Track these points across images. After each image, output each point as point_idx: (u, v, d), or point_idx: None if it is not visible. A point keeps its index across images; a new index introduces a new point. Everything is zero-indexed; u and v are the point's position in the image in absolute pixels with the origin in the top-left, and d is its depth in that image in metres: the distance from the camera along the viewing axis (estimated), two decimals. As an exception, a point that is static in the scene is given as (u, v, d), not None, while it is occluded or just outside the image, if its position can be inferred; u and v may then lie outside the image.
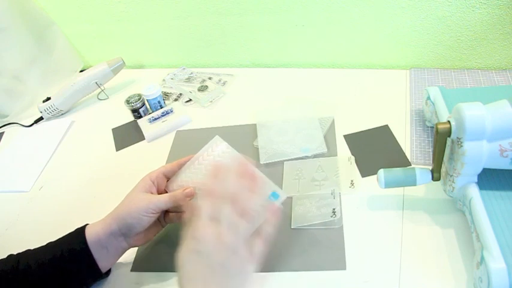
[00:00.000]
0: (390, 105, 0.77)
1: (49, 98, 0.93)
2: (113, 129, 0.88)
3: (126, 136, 0.85)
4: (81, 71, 1.04)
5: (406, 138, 0.69)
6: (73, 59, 1.09)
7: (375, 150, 0.68)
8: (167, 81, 0.98)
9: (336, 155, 0.69)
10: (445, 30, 0.79)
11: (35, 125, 0.95)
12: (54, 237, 0.53)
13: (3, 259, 0.52)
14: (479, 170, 0.48)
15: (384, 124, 0.73)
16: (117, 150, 0.82)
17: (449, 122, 0.48)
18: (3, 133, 0.95)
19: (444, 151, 0.50)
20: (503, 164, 0.47)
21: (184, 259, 0.43)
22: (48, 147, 0.86)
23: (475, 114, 0.45)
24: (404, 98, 0.78)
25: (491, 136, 0.45)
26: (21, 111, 0.99)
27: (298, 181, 0.65)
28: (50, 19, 1.03)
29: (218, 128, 0.81)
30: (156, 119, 0.85)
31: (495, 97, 0.47)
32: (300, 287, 0.52)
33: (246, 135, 0.76)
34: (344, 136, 0.72)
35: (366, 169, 0.65)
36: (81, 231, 0.52)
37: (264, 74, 0.95)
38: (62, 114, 0.96)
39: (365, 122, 0.74)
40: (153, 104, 0.87)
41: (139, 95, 0.86)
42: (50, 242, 0.53)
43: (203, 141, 0.57)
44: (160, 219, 0.58)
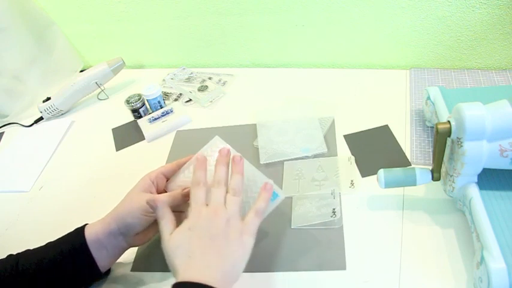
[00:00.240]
0: (390, 105, 0.77)
1: (49, 98, 0.93)
2: (113, 129, 0.88)
3: (126, 136, 0.85)
4: (81, 71, 1.04)
5: (406, 138, 0.69)
6: (73, 59, 1.09)
7: (374, 150, 0.68)
8: (167, 81, 0.98)
9: (336, 155, 0.69)
10: (445, 30, 0.79)
11: (35, 125, 0.95)
12: (54, 237, 0.53)
13: (3, 259, 0.52)
14: (479, 170, 0.48)
15: (384, 124, 0.73)
16: (117, 150, 0.82)
17: (449, 122, 0.48)
18: (3, 133, 0.95)
19: (444, 151, 0.50)
20: (503, 164, 0.47)
21: (179, 240, 0.45)
22: (48, 147, 0.86)
23: (475, 114, 0.45)
24: (404, 98, 0.78)
25: (491, 136, 0.45)
26: (21, 111, 0.99)
27: (298, 181, 0.65)
28: (50, 19, 1.03)
29: (218, 128, 0.81)
30: (156, 119, 0.85)
31: (495, 97, 0.47)
32: (300, 287, 0.52)
33: (246, 135, 0.76)
34: (344, 136, 0.72)
35: (366, 169, 0.65)
36: (80, 231, 0.52)
37: (264, 74, 0.95)
38: (62, 114, 0.96)
39: (365, 122, 0.74)
40: (153, 104, 0.87)
41: (139, 95, 0.86)
42: (49, 242, 0.53)
43: (203, 141, 0.57)
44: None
